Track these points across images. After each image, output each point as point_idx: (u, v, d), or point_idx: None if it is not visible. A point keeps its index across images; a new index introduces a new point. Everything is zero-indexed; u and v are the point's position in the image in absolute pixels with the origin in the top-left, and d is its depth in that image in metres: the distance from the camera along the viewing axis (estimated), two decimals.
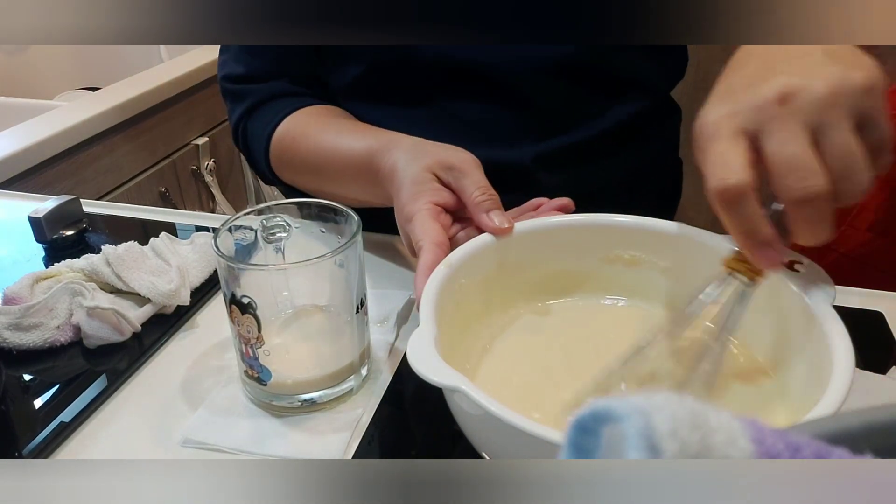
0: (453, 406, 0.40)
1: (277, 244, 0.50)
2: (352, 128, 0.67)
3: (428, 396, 0.51)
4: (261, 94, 0.73)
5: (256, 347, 0.46)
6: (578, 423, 0.18)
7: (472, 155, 0.55)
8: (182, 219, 0.79)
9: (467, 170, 0.53)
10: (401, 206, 0.53)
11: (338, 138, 0.65)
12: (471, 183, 0.52)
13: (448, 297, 0.43)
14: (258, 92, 0.73)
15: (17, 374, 0.52)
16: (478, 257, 0.47)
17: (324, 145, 0.66)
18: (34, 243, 0.70)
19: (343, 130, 0.66)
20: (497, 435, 0.35)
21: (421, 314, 0.40)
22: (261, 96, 0.73)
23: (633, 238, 0.50)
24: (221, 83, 0.76)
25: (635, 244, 0.50)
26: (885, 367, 0.50)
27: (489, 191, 0.52)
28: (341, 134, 0.66)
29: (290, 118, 0.70)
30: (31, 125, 1.21)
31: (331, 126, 0.68)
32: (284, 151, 0.70)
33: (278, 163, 0.72)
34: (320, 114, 0.71)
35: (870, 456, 0.17)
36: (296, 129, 0.70)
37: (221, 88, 0.76)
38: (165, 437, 0.47)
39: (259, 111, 0.73)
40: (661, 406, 0.17)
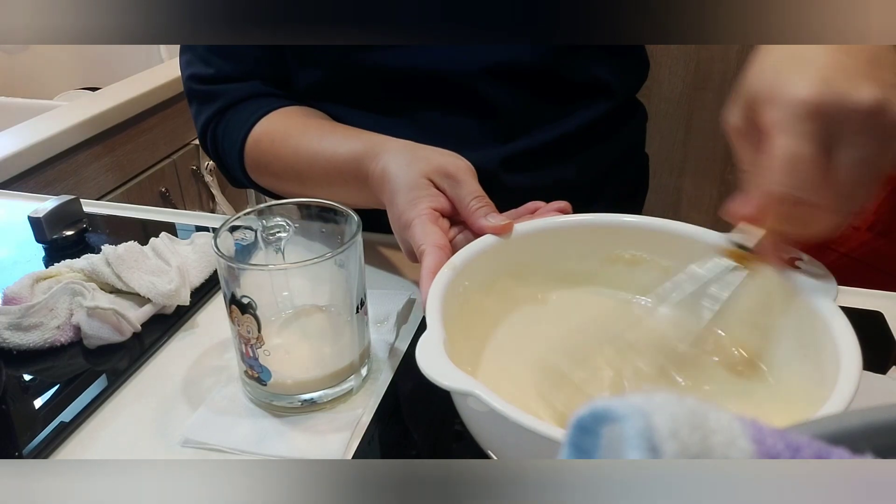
0: (462, 408, 0.40)
1: (277, 244, 0.50)
2: (332, 129, 0.66)
3: (428, 396, 0.51)
4: (234, 95, 0.71)
5: (256, 347, 0.46)
6: (578, 424, 0.18)
7: (466, 161, 0.55)
8: (182, 219, 0.79)
9: (462, 178, 0.53)
10: (398, 213, 0.53)
11: (321, 141, 0.64)
12: (466, 193, 0.52)
13: (452, 300, 0.43)
14: (231, 92, 0.71)
15: (17, 374, 0.52)
16: (480, 259, 0.47)
17: (305, 148, 0.64)
18: (34, 243, 0.70)
19: (325, 133, 0.65)
20: (511, 438, 0.35)
21: (427, 318, 0.40)
22: (234, 97, 0.70)
23: (634, 238, 0.51)
24: (187, 83, 0.73)
25: (637, 244, 0.51)
26: (885, 367, 0.50)
27: (485, 199, 0.52)
28: (324, 136, 0.64)
29: (266, 119, 0.69)
30: (31, 125, 1.21)
31: (311, 128, 0.66)
32: (263, 154, 0.68)
33: (255, 165, 0.70)
34: (299, 115, 0.69)
35: (870, 456, 0.17)
36: (274, 131, 0.68)
37: (187, 89, 0.74)
38: (165, 437, 0.47)
39: (232, 112, 0.71)
40: (661, 406, 0.17)
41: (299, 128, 0.67)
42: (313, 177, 0.65)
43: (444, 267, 0.45)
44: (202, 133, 0.74)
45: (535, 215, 0.54)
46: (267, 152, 0.68)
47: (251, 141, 0.69)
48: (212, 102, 0.72)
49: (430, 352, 0.37)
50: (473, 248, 0.47)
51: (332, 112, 0.71)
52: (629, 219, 0.51)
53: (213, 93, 0.71)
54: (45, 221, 0.68)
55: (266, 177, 0.71)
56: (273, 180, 0.70)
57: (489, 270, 0.49)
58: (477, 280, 0.47)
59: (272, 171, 0.69)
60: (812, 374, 0.40)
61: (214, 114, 0.72)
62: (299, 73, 0.72)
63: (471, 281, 0.46)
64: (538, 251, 0.50)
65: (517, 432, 0.33)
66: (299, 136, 0.66)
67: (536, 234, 0.50)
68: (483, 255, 0.48)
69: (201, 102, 0.73)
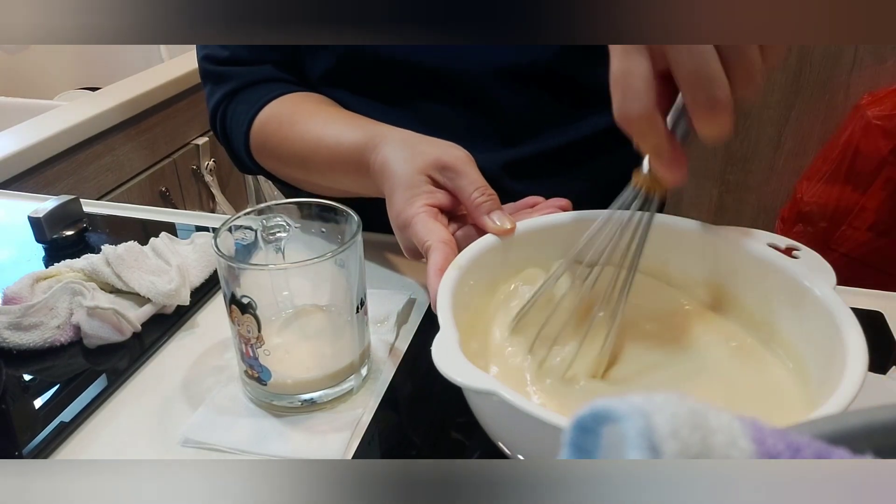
0: (479, 406, 0.40)
1: (277, 244, 0.50)
2: (338, 117, 0.66)
3: (428, 396, 0.51)
4: (245, 78, 0.71)
5: (256, 347, 0.46)
6: (578, 423, 0.18)
7: (465, 151, 0.54)
8: (182, 219, 0.79)
9: (462, 169, 0.52)
10: (396, 212, 0.53)
11: (325, 128, 0.64)
12: (468, 184, 0.51)
13: (459, 300, 0.44)
14: (242, 75, 0.71)
15: (17, 373, 0.52)
16: (484, 258, 0.47)
17: (311, 134, 0.65)
18: (34, 243, 0.70)
19: (330, 120, 0.65)
20: (534, 434, 0.36)
21: (440, 318, 0.40)
22: (245, 79, 0.71)
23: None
24: (202, 64, 0.74)
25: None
26: (885, 367, 0.50)
27: (488, 190, 0.51)
28: (328, 123, 0.64)
29: (274, 103, 0.69)
30: (31, 125, 1.21)
31: (317, 114, 0.67)
32: (269, 137, 0.69)
33: (261, 149, 0.70)
34: (306, 101, 0.70)
35: (870, 456, 0.17)
36: (281, 115, 0.68)
37: (201, 69, 0.75)
38: (165, 437, 0.47)
39: (242, 94, 0.71)
40: (661, 406, 0.17)
41: (306, 114, 0.67)
42: (317, 163, 0.65)
43: (450, 267, 0.45)
44: (213, 113, 0.74)
45: (535, 210, 0.54)
46: (273, 136, 0.68)
47: (258, 123, 0.69)
48: (224, 83, 0.72)
49: (447, 352, 0.37)
50: (477, 248, 0.47)
51: (341, 100, 0.71)
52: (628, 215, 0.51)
53: (226, 74, 0.72)
54: (45, 221, 0.68)
55: (271, 160, 0.71)
56: (277, 164, 0.71)
57: (492, 269, 0.49)
58: (481, 279, 0.47)
59: (277, 154, 0.69)
60: (816, 364, 0.41)
61: (225, 95, 0.72)
62: (311, 60, 0.72)
63: (475, 280, 0.47)
64: (540, 248, 0.51)
65: (541, 429, 0.33)
66: (305, 121, 0.66)
67: (538, 232, 0.50)
68: (486, 253, 0.48)
69: (214, 83, 0.73)
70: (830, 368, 0.38)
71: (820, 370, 0.40)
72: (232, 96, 0.72)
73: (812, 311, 0.42)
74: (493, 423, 0.41)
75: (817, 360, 0.41)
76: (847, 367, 0.36)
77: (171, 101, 1.45)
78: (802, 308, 0.43)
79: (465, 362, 0.36)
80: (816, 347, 0.41)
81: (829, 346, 0.39)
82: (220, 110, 0.73)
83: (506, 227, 0.49)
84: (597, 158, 0.73)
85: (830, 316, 0.40)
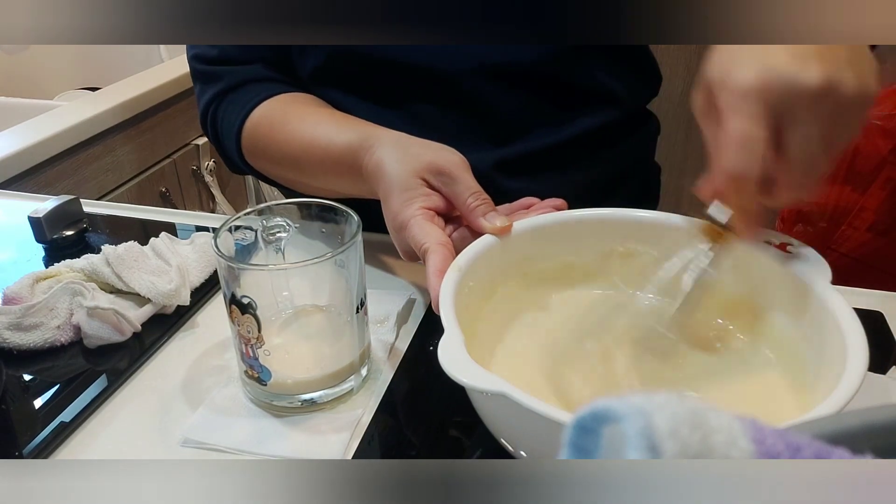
0: (484, 406, 0.40)
1: (277, 244, 0.50)
2: (330, 118, 0.66)
3: (428, 396, 0.51)
4: (236, 77, 0.70)
5: (256, 347, 0.46)
6: (578, 423, 0.18)
7: (459, 155, 0.54)
8: (182, 219, 0.79)
9: (457, 174, 0.52)
10: (392, 215, 0.53)
11: (317, 129, 0.64)
12: (463, 189, 0.52)
13: (460, 301, 0.44)
14: (233, 74, 0.71)
15: (17, 374, 0.52)
16: (483, 259, 0.48)
17: (303, 135, 0.64)
18: (34, 243, 0.70)
19: (322, 121, 0.65)
20: (543, 434, 0.36)
21: (444, 320, 0.40)
22: (236, 79, 0.70)
23: (629, 231, 0.51)
24: (191, 63, 0.73)
25: (633, 237, 0.51)
26: (885, 367, 0.50)
27: (482, 195, 0.52)
28: (320, 124, 0.64)
29: (265, 104, 0.68)
30: (31, 125, 1.21)
31: (309, 115, 0.66)
32: (260, 139, 0.68)
33: (252, 150, 0.70)
34: (297, 102, 0.69)
35: (870, 456, 0.17)
36: (273, 116, 0.68)
37: (192, 69, 0.74)
38: (165, 437, 0.47)
39: (233, 94, 0.71)
40: (661, 406, 0.17)
41: (298, 115, 0.67)
42: (310, 165, 0.64)
43: (450, 268, 0.45)
44: (203, 114, 0.74)
45: (530, 211, 0.54)
46: (264, 137, 0.68)
47: (249, 125, 0.69)
48: (214, 83, 0.72)
49: (453, 353, 0.37)
50: (475, 249, 0.48)
51: (333, 99, 0.71)
52: (621, 213, 0.52)
53: (216, 73, 0.71)
54: (45, 221, 0.68)
55: (263, 162, 0.70)
56: (269, 165, 0.70)
57: (491, 270, 0.49)
58: (480, 280, 0.48)
59: (268, 156, 0.69)
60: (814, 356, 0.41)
61: (216, 95, 0.71)
62: (301, 58, 0.72)
63: (475, 281, 0.47)
64: (538, 248, 0.51)
65: (549, 427, 0.33)
66: (297, 122, 0.66)
67: (535, 231, 0.50)
68: (485, 254, 0.48)
69: (204, 82, 0.73)
70: (831, 365, 0.38)
71: (819, 367, 0.40)
72: (222, 97, 0.71)
73: (811, 308, 0.42)
74: (497, 422, 0.41)
75: (815, 356, 0.41)
76: (847, 364, 0.36)
77: (171, 101, 1.45)
78: (801, 305, 0.43)
79: (471, 363, 0.36)
80: (814, 345, 0.41)
81: (829, 343, 0.39)
82: (210, 111, 0.73)
83: (503, 227, 0.49)
84: (592, 156, 0.73)
85: (829, 312, 0.40)
